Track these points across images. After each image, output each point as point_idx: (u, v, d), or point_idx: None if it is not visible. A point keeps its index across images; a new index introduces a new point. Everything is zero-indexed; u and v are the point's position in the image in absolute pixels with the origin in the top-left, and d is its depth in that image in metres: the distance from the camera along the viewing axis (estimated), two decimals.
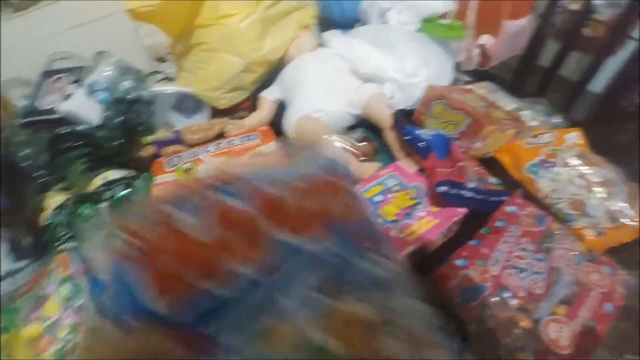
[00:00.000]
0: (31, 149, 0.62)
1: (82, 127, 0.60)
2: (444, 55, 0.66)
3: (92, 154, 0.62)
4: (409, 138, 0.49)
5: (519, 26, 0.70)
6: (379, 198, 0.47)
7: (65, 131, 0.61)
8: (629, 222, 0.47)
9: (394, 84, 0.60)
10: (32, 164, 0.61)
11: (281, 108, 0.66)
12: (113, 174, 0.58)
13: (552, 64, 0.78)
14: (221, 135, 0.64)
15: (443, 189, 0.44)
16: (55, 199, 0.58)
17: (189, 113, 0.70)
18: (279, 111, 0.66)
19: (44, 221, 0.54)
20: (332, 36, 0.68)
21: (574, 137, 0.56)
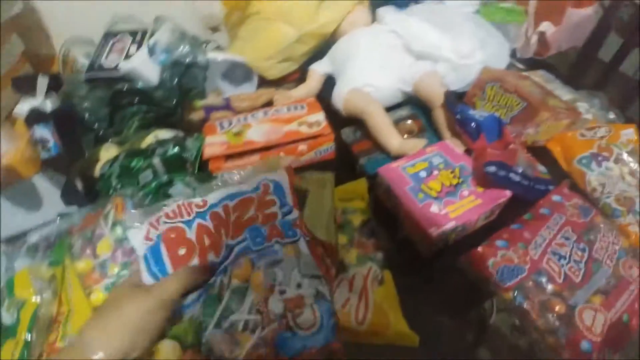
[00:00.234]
0: (91, 102, 0.67)
1: (140, 86, 0.64)
2: (500, 40, 0.64)
3: (148, 112, 0.66)
4: (460, 118, 0.49)
5: (583, 15, 0.67)
6: (423, 174, 0.48)
7: (124, 88, 0.65)
8: None
9: (447, 64, 0.60)
10: (91, 117, 0.66)
11: (328, 82, 0.67)
12: (164, 134, 0.62)
13: (612, 58, 0.74)
14: (268, 104, 0.66)
15: (492, 169, 0.44)
16: (110, 151, 0.62)
17: (237, 82, 0.73)
18: (326, 86, 0.67)
19: (97, 171, 0.57)
20: (386, 12, 0.67)
21: (630, 134, 0.54)
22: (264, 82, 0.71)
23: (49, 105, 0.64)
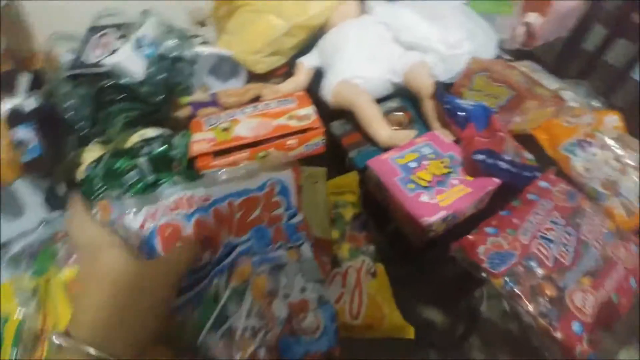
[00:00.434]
0: (74, 100, 0.65)
1: (126, 81, 0.63)
2: (488, 31, 0.64)
3: (133, 109, 0.64)
4: (449, 107, 0.50)
5: (569, 7, 0.68)
6: (413, 165, 0.49)
7: (109, 84, 0.63)
8: None
9: (436, 55, 0.60)
10: (75, 116, 0.63)
11: (317, 76, 0.66)
12: (151, 132, 0.60)
13: (597, 48, 0.75)
14: (256, 99, 0.65)
15: (480, 157, 0.45)
16: (94, 152, 0.60)
17: (225, 77, 0.72)
18: (315, 79, 0.67)
19: (81, 173, 0.55)
20: (376, 4, 0.67)
21: (614, 120, 0.55)
22: (252, 77, 0.70)
23: (30, 104, 0.62)
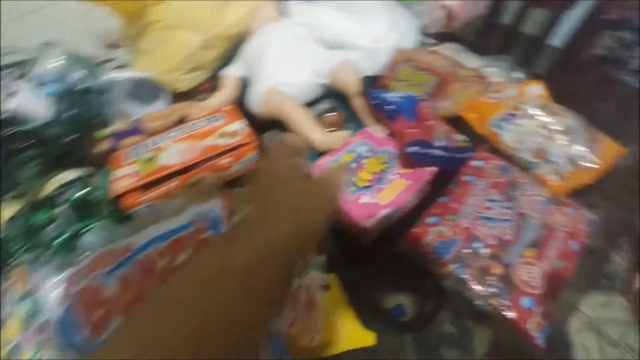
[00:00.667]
0: None
1: (31, 126, 0.56)
2: (409, 19, 0.65)
3: (45, 154, 0.57)
4: (376, 102, 0.49)
5: None
6: (352, 165, 0.47)
7: (12, 132, 0.56)
8: (588, 165, 0.49)
9: (361, 50, 0.59)
10: None
11: (246, 86, 0.63)
12: (69, 175, 0.54)
13: (513, 21, 0.78)
14: (184, 120, 0.61)
15: (413, 149, 0.44)
16: (8, 209, 0.54)
17: (147, 100, 0.67)
18: (244, 90, 0.63)
19: None
20: (296, 5, 0.65)
21: (536, 90, 0.57)
22: (176, 97, 0.65)
23: None
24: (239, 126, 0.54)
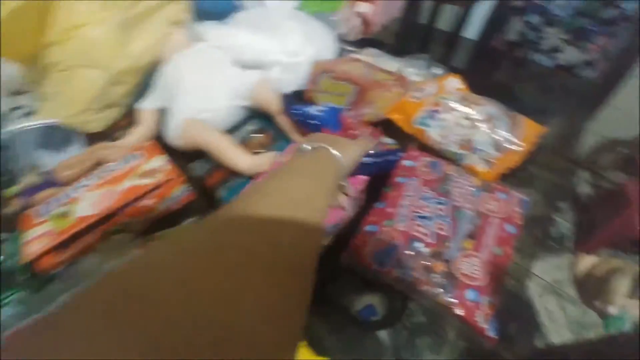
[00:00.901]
0: None
1: None
2: (325, 30, 0.65)
3: None
4: (298, 118, 0.48)
5: None
6: None
7: None
8: (513, 148, 0.51)
9: (279, 67, 0.58)
10: None
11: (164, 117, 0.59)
12: None
13: (428, 19, 0.83)
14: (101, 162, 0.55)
15: None
16: None
17: (59, 147, 0.60)
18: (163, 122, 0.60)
19: None
20: (208, 29, 0.62)
21: (455, 83, 0.59)
22: (91, 139, 0.60)
23: None
24: (159, 163, 0.50)
